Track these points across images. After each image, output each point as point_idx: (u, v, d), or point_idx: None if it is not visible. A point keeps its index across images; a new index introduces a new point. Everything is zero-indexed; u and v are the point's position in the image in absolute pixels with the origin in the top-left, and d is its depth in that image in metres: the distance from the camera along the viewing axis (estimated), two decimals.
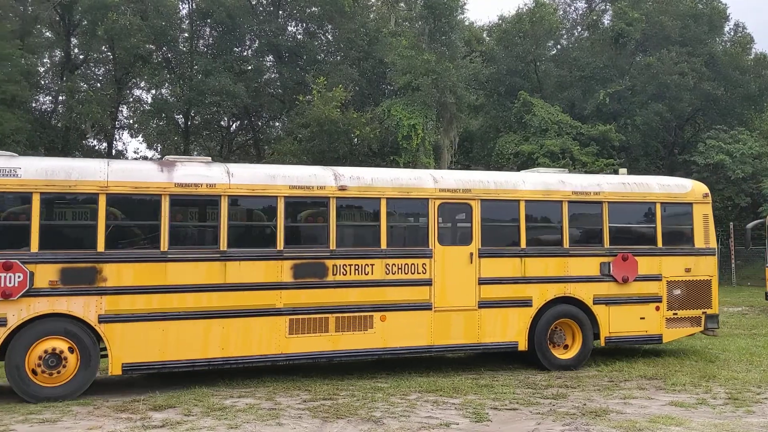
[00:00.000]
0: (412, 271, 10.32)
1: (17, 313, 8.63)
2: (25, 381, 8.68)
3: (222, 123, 32.31)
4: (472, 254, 10.62)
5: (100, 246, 8.98)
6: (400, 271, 10.26)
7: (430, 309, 10.38)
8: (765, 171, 28.41)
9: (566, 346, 11.11)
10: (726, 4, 33.46)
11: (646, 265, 11.41)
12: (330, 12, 29.93)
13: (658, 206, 11.61)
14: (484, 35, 35.43)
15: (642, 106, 30.94)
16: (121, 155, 30.86)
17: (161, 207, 9.26)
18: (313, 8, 30.51)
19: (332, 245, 9.94)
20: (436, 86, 26.89)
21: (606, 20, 33.30)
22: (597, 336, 11.20)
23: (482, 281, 10.62)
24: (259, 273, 9.62)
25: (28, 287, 8.64)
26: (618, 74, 31.48)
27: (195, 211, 9.96)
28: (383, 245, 10.21)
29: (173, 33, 29.08)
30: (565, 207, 11.13)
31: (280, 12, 31.02)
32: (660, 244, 11.56)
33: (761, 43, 74.64)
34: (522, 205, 10.91)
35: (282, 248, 9.71)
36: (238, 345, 9.51)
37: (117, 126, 30.61)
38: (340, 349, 9.97)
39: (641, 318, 11.35)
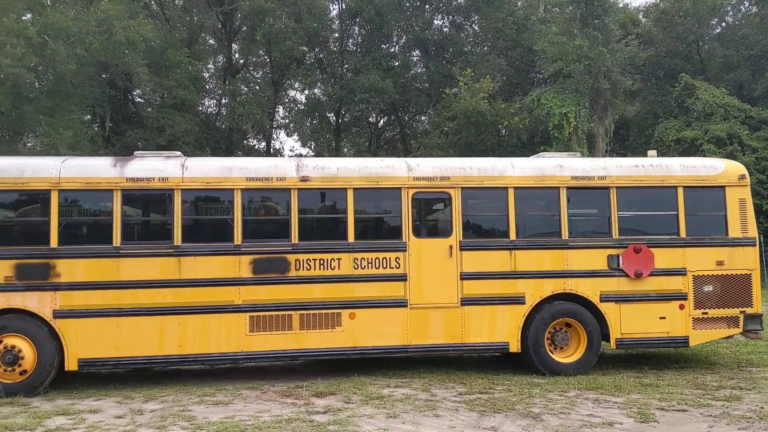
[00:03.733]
0: (384, 266, 9.62)
1: None
2: None
3: (370, 119, 32.95)
4: (451, 247, 9.76)
5: (53, 242, 9.02)
6: (370, 265, 9.59)
7: (406, 306, 9.64)
8: None
9: (570, 349, 10.01)
10: None
11: (665, 257, 10.00)
12: (477, 2, 29.52)
13: (680, 190, 10.13)
14: (640, 17, 33.40)
15: None
16: (278, 153, 32.36)
17: (113, 202, 9.19)
18: (460, 0, 30.32)
19: (294, 239, 9.47)
20: (588, 72, 25.71)
21: None
22: (607, 337, 9.96)
23: (465, 276, 9.72)
24: (215, 268, 9.32)
25: None
26: None
27: (148, 206, 9.75)
28: (350, 238, 9.61)
29: (325, 34, 29.99)
30: (563, 194, 9.96)
31: (427, 6, 31.05)
32: (683, 233, 10.07)
33: None
34: (511, 192, 9.89)
35: (240, 243, 9.38)
36: (196, 342, 9.25)
37: (274, 126, 32.11)
38: (305, 348, 9.44)
39: (661, 318, 9.96)
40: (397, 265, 9.66)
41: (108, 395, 8.82)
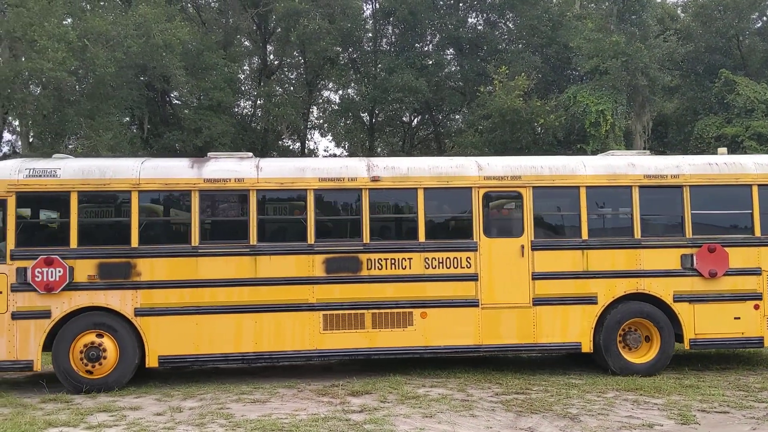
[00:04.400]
0: (455, 266, 9.74)
1: (59, 306, 9.14)
2: (70, 372, 9.19)
3: (404, 119, 32.90)
4: (523, 247, 9.83)
5: (134, 241, 9.30)
6: (441, 265, 9.72)
7: (477, 306, 9.74)
8: None
9: (643, 350, 10.00)
10: None
11: (740, 257, 9.97)
12: (511, 0, 29.41)
13: (755, 189, 10.08)
14: (679, 12, 32.80)
15: None
16: (313, 154, 32.50)
17: (191, 202, 9.43)
18: None
19: (365, 239, 9.64)
20: (626, 69, 25.32)
21: None
22: (680, 338, 9.91)
23: (536, 276, 9.80)
24: (290, 267, 9.53)
25: (68, 281, 9.12)
26: None
27: (224, 206, 9.96)
28: (421, 238, 9.73)
29: (358, 34, 30.00)
30: (636, 192, 9.97)
31: (461, 4, 30.91)
32: (758, 232, 10.03)
33: None
34: (582, 191, 9.92)
35: (313, 242, 9.57)
36: (271, 340, 9.46)
37: (309, 126, 32.27)
38: (377, 347, 9.62)
39: (735, 318, 9.90)
40: (468, 265, 9.75)
41: (148, 393, 9.00)
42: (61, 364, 9.18)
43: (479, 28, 31.02)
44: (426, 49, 30.99)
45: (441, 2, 30.49)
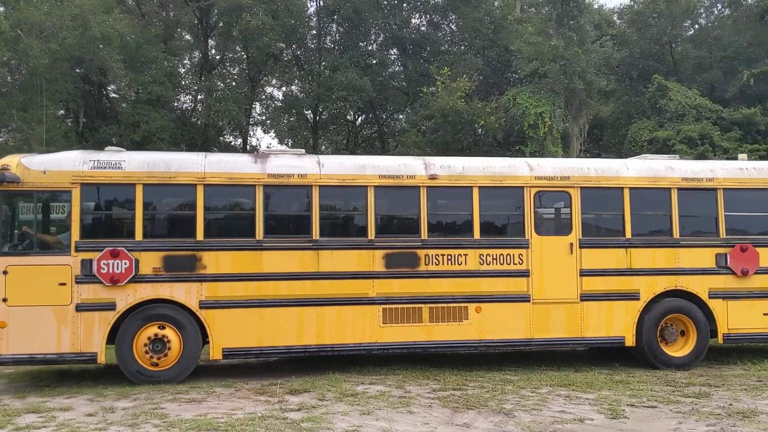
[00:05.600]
0: (508, 262, 10.15)
1: (125, 298, 9.15)
2: (134, 364, 9.24)
3: (348, 117, 32.91)
4: (572, 244, 10.30)
5: (199, 234, 9.37)
6: (495, 261, 10.10)
7: (528, 301, 10.15)
8: None
9: (678, 344, 10.57)
10: None
11: None
12: (454, 1, 29.71)
13: None
14: (615, 18, 33.84)
15: None
16: (255, 150, 32.20)
17: (255, 197, 9.54)
18: None
19: (423, 235, 9.93)
20: (564, 72, 26.04)
21: None
22: (714, 333, 10.50)
23: (584, 273, 10.27)
24: (351, 262, 9.74)
25: (134, 273, 9.13)
26: (764, 53, 29.13)
27: (287, 201, 10.10)
28: (476, 235, 10.09)
29: (302, 31, 29.87)
30: (674, 194, 10.58)
31: (404, 5, 31.13)
32: None
33: None
34: (626, 192, 10.46)
35: (373, 238, 9.80)
36: (333, 333, 9.66)
37: (251, 122, 31.91)
38: (434, 340, 9.92)
39: (765, 314, 10.57)
40: (521, 262, 10.16)
41: (80, 393, 8.82)
42: (125, 356, 9.19)
43: (422, 28, 31.36)
44: (370, 48, 31.11)
45: (385, 2, 30.67)
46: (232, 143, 31.46)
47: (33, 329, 8.95)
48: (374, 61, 30.18)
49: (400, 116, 33.11)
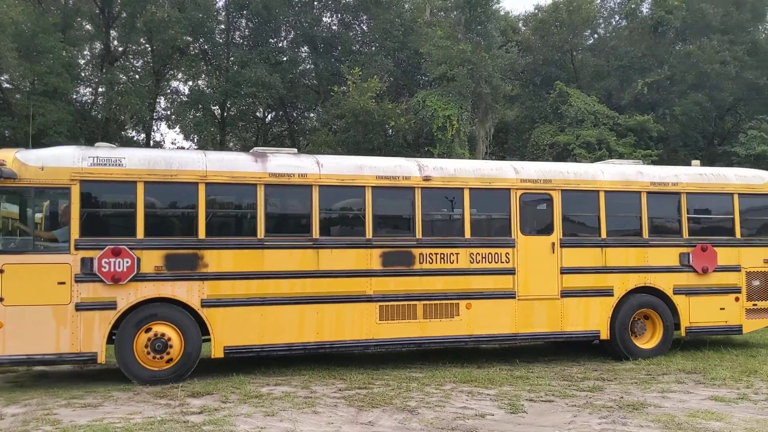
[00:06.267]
0: (496, 260, 10.60)
1: (126, 297, 9.04)
2: (133, 364, 9.14)
3: (257, 114, 32.47)
4: (553, 244, 10.85)
5: (201, 233, 9.35)
6: (484, 260, 10.53)
7: (514, 297, 10.63)
8: None
9: (646, 337, 11.33)
10: None
11: (724, 255, 11.59)
12: (365, 2, 29.87)
13: (736, 197, 11.77)
14: (520, 25, 34.99)
15: (681, 95, 30.36)
16: (159, 146, 31.24)
17: (257, 196, 9.60)
18: None
19: (418, 234, 10.25)
20: (471, 77, 26.67)
21: (645, 8, 32.65)
22: (677, 326, 11.33)
23: (564, 271, 10.85)
24: (350, 260, 9.95)
25: (135, 272, 9.02)
26: (657, 63, 30.91)
27: (288, 201, 10.20)
28: (467, 235, 10.49)
29: (210, 25, 29.23)
30: (644, 197, 11.31)
31: (316, 3, 31.03)
32: (738, 234, 11.74)
33: None
34: (602, 195, 11.11)
35: (371, 237, 10.04)
36: (332, 330, 9.85)
37: (155, 117, 30.94)
38: (428, 336, 10.26)
39: (721, 308, 11.50)
40: (507, 260, 10.62)
41: None
42: (125, 355, 9.08)
43: (334, 27, 31.39)
44: (281, 45, 30.87)
45: None
46: (135, 138, 30.40)
47: (31, 329, 8.74)
48: (285, 58, 29.97)
49: (311, 115, 32.99)
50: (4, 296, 8.66)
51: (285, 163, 9.98)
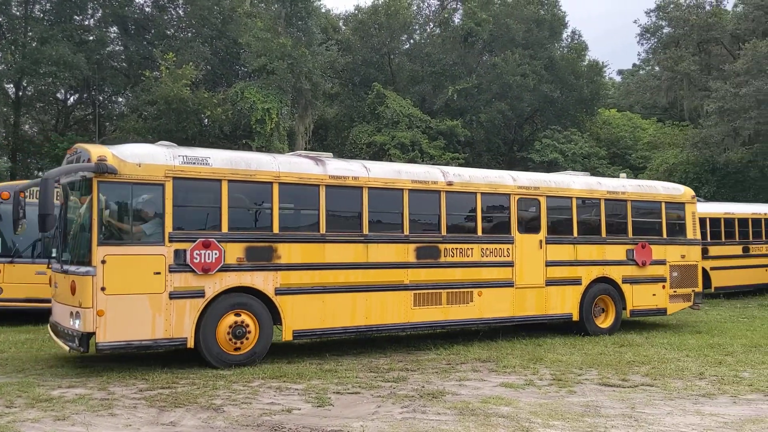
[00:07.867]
0: (501, 255, 12.37)
1: (212, 286, 9.79)
2: (216, 348, 9.84)
3: (58, 95, 30.01)
4: (541, 241, 12.83)
5: (275, 228, 10.32)
6: (491, 254, 12.27)
7: (513, 286, 12.51)
8: (593, 170, 30.87)
9: (602, 318, 13.72)
10: (565, 12, 35.93)
11: (656, 251, 14.22)
12: None
13: (663, 205, 14.57)
14: (341, 24, 35.59)
15: (487, 103, 32.71)
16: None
17: (319, 195, 10.70)
18: None
19: (443, 231, 11.82)
20: (291, 71, 26.86)
21: (457, 19, 34.64)
22: (624, 309, 13.87)
23: (548, 263, 12.91)
24: (391, 254, 11.33)
25: (222, 263, 9.80)
26: (466, 72, 32.99)
27: (344, 200, 11.19)
28: (479, 232, 12.22)
29: None
30: (603, 204, 13.72)
31: None
32: (665, 235, 14.50)
33: (593, 51, 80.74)
34: (573, 201, 13.34)
35: (408, 233, 11.45)
36: (378, 315, 11.21)
37: None
38: (450, 319, 11.96)
39: (653, 294, 14.17)
40: (508, 254, 12.46)
41: None
42: (209, 341, 9.70)
43: (147, 9, 29.83)
44: (87, 23, 28.81)
45: None
46: None
47: (129, 317, 9.31)
48: (91, 38, 28.22)
49: (120, 99, 31.16)
50: (106, 286, 9.03)
51: (340, 166, 11.13)
